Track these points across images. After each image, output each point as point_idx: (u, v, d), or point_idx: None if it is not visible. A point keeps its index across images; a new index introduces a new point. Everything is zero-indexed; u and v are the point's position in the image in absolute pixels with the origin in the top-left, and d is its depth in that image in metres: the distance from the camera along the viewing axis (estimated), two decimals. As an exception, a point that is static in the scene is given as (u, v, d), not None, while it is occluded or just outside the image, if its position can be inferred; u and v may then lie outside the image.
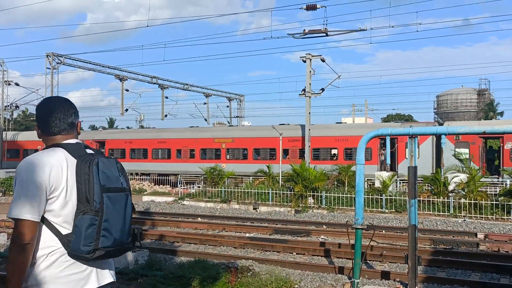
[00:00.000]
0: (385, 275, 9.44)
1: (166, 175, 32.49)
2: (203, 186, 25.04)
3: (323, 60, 27.39)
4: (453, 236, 14.18)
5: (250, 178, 26.06)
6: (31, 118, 67.93)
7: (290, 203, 20.62)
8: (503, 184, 21.57)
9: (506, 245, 12.54)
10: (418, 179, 20.17)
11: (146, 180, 32.23)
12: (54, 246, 2.61)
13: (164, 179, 32.30)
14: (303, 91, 27.21)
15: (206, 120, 43.58)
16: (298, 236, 14.24)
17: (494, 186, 21.37)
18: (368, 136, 8.55)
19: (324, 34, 24.11)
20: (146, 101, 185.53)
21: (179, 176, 29.66)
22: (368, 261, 10.70)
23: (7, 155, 39.23)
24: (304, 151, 27.38)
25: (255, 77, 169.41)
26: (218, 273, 8.60)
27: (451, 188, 19.38)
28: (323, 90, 27.64)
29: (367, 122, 27.38)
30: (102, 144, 36.16)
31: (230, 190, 22.50)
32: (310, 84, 26.99)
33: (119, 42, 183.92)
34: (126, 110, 37.41)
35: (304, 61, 26.94)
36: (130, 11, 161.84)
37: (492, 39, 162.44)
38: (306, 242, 13.07)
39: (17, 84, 40.83)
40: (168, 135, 34.09)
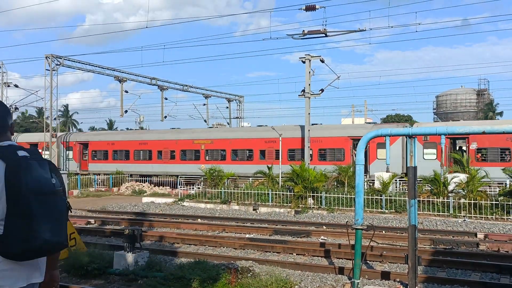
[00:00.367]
0: (385, 275, 9.43)
1: (148, 176, 33.08)
2: (203, 187, 25.03)
3: (322, 61, 27.41)
4: (453, 236, 14.18)
5: (250, 179, 26.13)
6: (31, 120, 67.93)
7: (290, 204, 20.62)
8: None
9: (506, 245, 12.55)
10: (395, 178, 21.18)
11: (146, 181, 32.29)
12: None
13: (163, 181, 32.33)
14: (302, 92, 27.23)
15: (205, 121, 43.61)
16: (298, 237, 14.23)
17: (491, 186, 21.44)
18: (367, 136, 8.56)
19: (324, 35, 24.10)
20: (145, 102, 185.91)
21: (178, 177, 29.74)
22: (368, 261, 10.69)
23: None
24: (278, 151, 28.33)
25: (255, 78, 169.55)
26: (218, 274, 8.60)
27: (450, 188, 19.40)
28: (322, 90, 27.65)
29: (341, 124, 28.22)
30: (86, 145, 36.46)
31: (230, 191, 22.50)
32: (310, 84, 27.00)
33: (119, 44, 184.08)
34: (126, 111, 37.45)
35: (304, 61, 26.95)
36: (129, 13, 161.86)
37: (491, 39, 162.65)
38: (306, 243, 13.06)
39: (16, 86, 40.82)
40: (149, 136, 34.72)
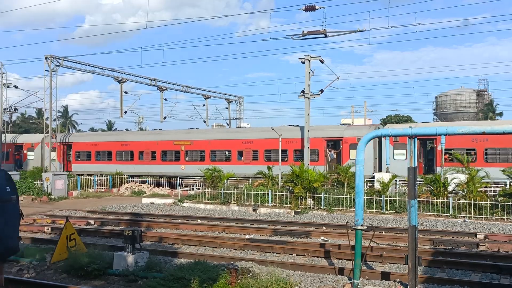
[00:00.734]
0: (385, 276, 9.43)
1: (131, 176, 33.84)
2: (202, 188, 25.01)
3: (322, 61, 27.40)
4: (453, 237, 14.17)
5: (249, 180, 26.21)
6: (30, 121, 67.91)
7: (290, 205, 20.60)
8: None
9: (506, 245, 12.54)
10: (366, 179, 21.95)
11: (146, 182, 32.34)
12: None
13: (163, 182, 32.36)
14: (302, 93, 27.22)
15: (205, 122, 43.61)
16: (298, 238, 14.22)
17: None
18: (367, 137, 8.56)
19: (323, 35, 24.09)
20: (145, 103, 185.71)
21: (178, 178, 29.83)
22: (368, 262, 10.69)
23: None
24: (256, 152, 29.43)
25: (254, 78, 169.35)
26: (218, 274, 8.59)
27: (450, 188, 19.40)
28: (322, 91, 27.65)
29: (316, 126, 29.22)
30: (69, 146, 36.73)
31: (229, 192, 22.49)
32: (309, 85, 27.00)
33: (118, 44, 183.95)
34: (125, 112, 37.49)
35: (303, 62, 26.95)
36: (128, 13, 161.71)
37: (491, 39, 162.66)
38: (306, 243, 13.05)
39: (16, 87, 40.88)
40: (131, 137, 35.77)
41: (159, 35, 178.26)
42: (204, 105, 43.55)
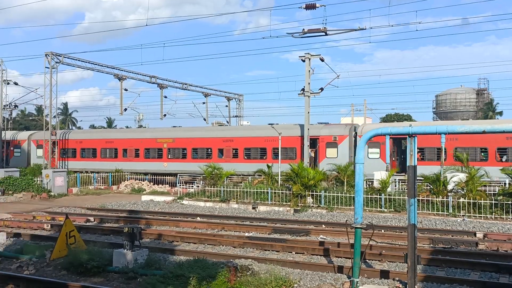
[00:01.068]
0: (384, 274, 9.45)
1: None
2: (202, 186, 25.02)
3: (322, 60, 27.36)
4: (452, 236, 14.19)
5: (249, 178, 26.24)
6: (30, 118, 67.88)
7: (289, 203, 20.61)
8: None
9: (505, 244, 12.56)
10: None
11: (145, 179, 32.33)
12: None
13: (162, 179, 32.34)
14: (302, 91, 27.19)
15: (205, 119, 43.55)
16: (297, 236, 14.24)
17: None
18: (367, 136, 8.55)
19: (323, 33, 24.05)
20: (145, 100, 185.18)
21: (178, 175, 29.87)
22: (367, 260, 10.70)
23: None
24: (236, 150, 29.97)
25: (254, 76, 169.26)
26: (217, 272, 8.60)
27: (450, 187, 19.41)
28: (322, 89, 27.62)
29: (293, 124, 29.62)
30: (54, 144, 36.62)
31: (229, 189, 22.49)
32: (309, 83, 26.97)
33: (118, 42, 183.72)
34: (125, 109, 37.41)
35: (303, 60, 26.92)
36: (128, 11, 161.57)
37: (491, 38, 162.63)
38: (305, 242, 13.06)
39: (16, 84, 40.82)
40: (115, 135, 36.27)
41: (159, 32, 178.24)
42: (204, 102, 43.50)
